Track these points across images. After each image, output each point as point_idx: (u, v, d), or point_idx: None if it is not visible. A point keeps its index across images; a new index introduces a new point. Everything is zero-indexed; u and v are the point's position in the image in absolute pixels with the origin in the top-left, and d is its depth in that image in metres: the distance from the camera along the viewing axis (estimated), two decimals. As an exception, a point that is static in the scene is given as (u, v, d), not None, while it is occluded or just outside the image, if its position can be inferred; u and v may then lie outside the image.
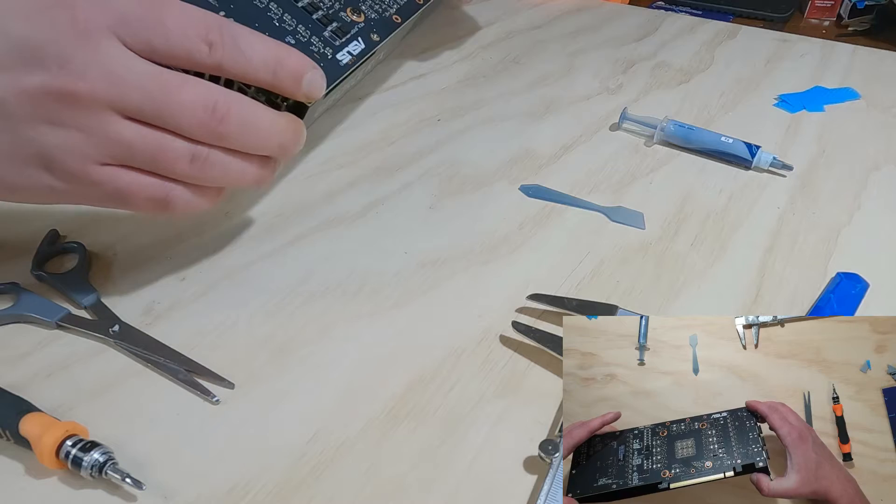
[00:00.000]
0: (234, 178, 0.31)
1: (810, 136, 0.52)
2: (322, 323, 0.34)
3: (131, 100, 0.27)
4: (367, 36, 0.41)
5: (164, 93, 0.27)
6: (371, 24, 0.42)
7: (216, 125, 0.29)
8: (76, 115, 0.27)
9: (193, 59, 0.28)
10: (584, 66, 0.62)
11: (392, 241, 0.40)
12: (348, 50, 0.39)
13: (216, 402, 0.30)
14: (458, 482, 0.27)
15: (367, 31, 0.41)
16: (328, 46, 0.38)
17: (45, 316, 0.33)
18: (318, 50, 0.37)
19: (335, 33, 0.39)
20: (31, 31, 0.26)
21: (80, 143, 0.27)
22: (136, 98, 0.27)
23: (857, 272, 0.37)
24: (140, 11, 0.27)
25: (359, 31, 0.41)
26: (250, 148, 0.31)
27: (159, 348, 0.32)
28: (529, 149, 0.49)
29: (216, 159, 0.30)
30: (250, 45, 0.29)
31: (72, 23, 0.26)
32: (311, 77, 0.31)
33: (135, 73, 0.27)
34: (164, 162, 0.29)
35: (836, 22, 1.02)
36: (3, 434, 0.27)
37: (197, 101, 0.28)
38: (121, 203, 0.30)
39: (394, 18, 0.44)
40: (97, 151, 0.28)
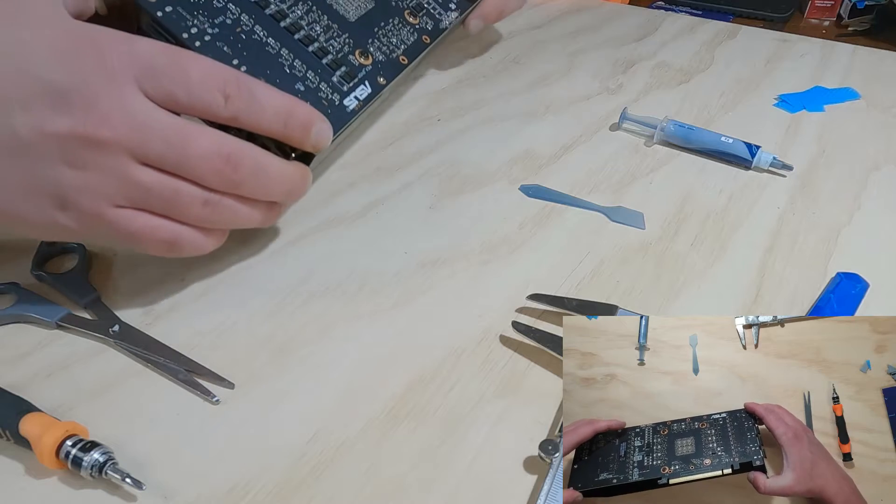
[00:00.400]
0: (242, 221, 0.33)
1: (810, 136, 0.52)
2: (322, 323, 0.34)
3: (152, 148, 0.28)
4: (374, 79, 0.42)
5: (182, 142, 0.29)
6: (378, 66, 0.43)
7: (230, 173, 0.30)
8: (97, 158, 0.28)
9: (211, 111, 0.29)
10: (584, 66, 0.62)
11: (392, 241, 0.40)
12: (355, 95, 0.39)
13: (216, 402, 0.30)
14: (458, 482, 0.27)
15: (375, 74, 0.42)
16: (336, 92, 0.39)
17: (45, 316, 0.33)
18: (326, 96, 0.38)
19: (343, 78, 0.40)
20: (59, 74, 0.27)
21: (98, 184, 0.28)
22: (157, 146, 0.28)
23: (857, 272, 0.37)
24: (165, 63, 0.28)
25: (366, 75, 0.41)
26: (260, 194, 0.32)
27: (159, 348, 0.32)
28: (529, 149, 0.49)
29: (227, 204, 0.31)
30: (264, 98, 0.31)
31: (100, 68, 0.27)
32: (318, 128, 0.33)
33: (157, 122, 0.28)
34: (179, 206, 0.30)
35: (836, 22, 1.02)
36: (3, 434, 0.27)
37: (212, 150, 0.29)
38: (131, 243, 0.31)
39: (400, 59, 0.45)
40: (114, 194, 0.29)
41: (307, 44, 0.39)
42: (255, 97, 0.30)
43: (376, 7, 0.46)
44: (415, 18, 0.48)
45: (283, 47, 0.38)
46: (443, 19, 0.50)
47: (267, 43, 0.37)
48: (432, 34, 0.49)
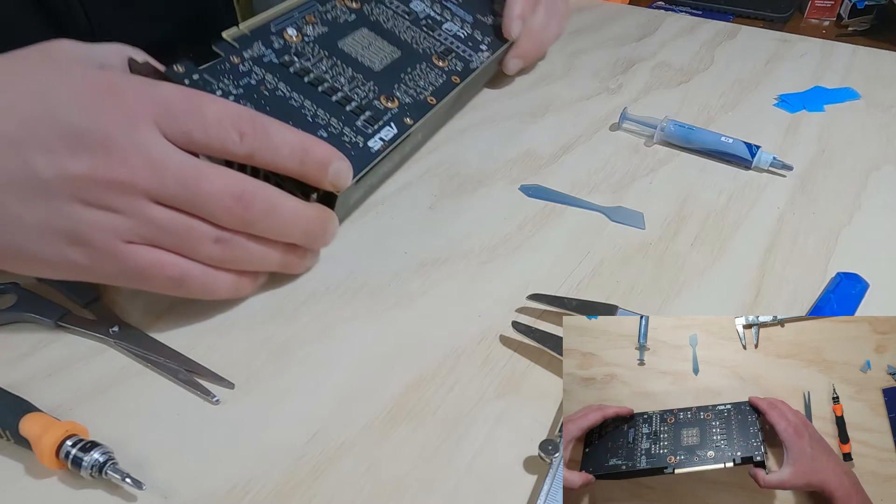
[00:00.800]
0: (257, 261, 0.33)
1: (810, 136, 0.52)
2: (322, 323, 0.34)
3: (166, 186, 0.29)
4: (401, 120, 0.41)
5: (195, 180, 0.29)
6: (405, 108, 0.42)
7: (241, 211, 0.30)
8: (113, 197, 0.28)
9: (227, 149, 0.30)
10: (584, 66, 0.62)
11: (392, 241, 0.40)
12: (380, 136, 0.39)
13: (216, 402, 0.30)
14: (458, 482, 0.27)
15: (401, 115, 0.41)
16: (360, 135, 0.38)
17: (45, 316, 0.33)
18: (350, 140, 0.38)
19: (368, 122, 0.39)
20: (80, 117, 0.27)
21: (112, 221, 0.29)
22: (171, 185, 0.29)
23: (857, 272, 0.37)
24: (182, 103, 0.29)
25: (392, 117, 0.41)
26: (274, 234, 0.32)
27: (159, 348, 0.32)
28: (529, 149, 0.49)
29: (239, 243, 0.31)
30: (279, 136, 0.31)
31: (120, 111, 0.28)
32: (337, 166, 0.33)
33: (172, 161, 0.29)
34: (190, 243, 0.30)
35: (836, 22, 1.02)
36: (3, 434, 0.27)
37: (225, 188, 0.29)
38: (140, 280, 0.30)
39: (428, 100, 0.44)
40: (126, 230, 0.29)
41: (331, 94, 0.40)
42: (269, 135, 0.30)
43: (402, 56, 0.46)
44: (443, 62, 0.47)
45: (307, 99, 0.38)
46: (473, 60, 0.49)
47: (290, 97, 0.38)
48: (462, 74, 0.47)
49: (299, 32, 0.42)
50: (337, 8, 0.46)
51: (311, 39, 0.42)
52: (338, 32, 0.44)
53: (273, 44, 0.40)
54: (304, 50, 0.41)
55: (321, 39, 0.43)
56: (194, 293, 0.31)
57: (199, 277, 0.31)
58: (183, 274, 0.30)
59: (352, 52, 0.43)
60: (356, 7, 0.47)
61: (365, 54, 0.44)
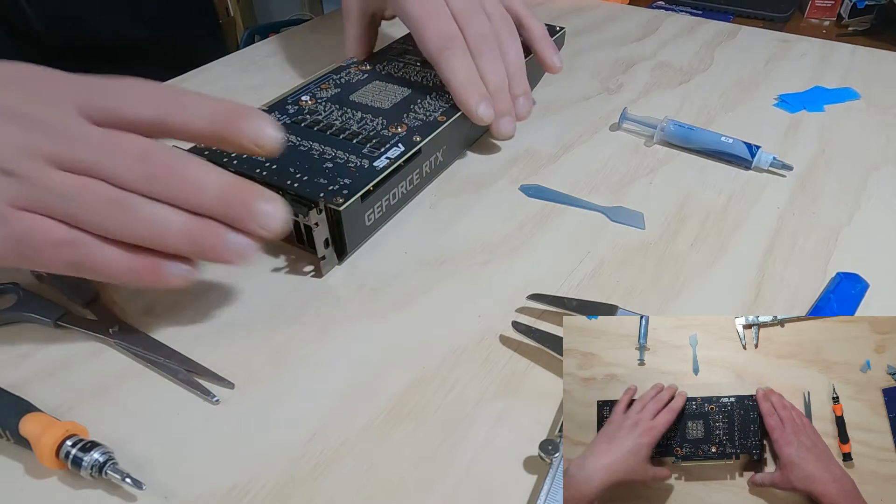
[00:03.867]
0: (153, 230, 0.28)
1: (810, 136, 0.52)
2: (322, 323, 0.34)
3: (72, 151, 0.28)
4: (409, 140, 0.41)
5: (101, 144, 0.28)
6: (414, 130, 0.42)
7: (143, 167, 0.28)
8: (17, 161, 0.27)
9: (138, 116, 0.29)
10: (584, 66, 0.62)
11: (392, 241, 0.40)
12: (387, 156, 0.39)
13: (216, 402, 0.30)
14: (458, 482, 0.27)
15: (410, 136, 0.41)
16: (365, 159, 0.39)
17: (45, 316, 0.33)
18: (356, 164, 0.38)
19: (374, 147, 0.40)
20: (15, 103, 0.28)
21: (6, 186, 0.27)
22: (78, 149, 0.28)
23: (857, 272, 0.37)
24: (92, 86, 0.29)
25: (399, 139, 0.41)
26: (179, 195, 0.28)
27: (159, 348, 0.32)
28: (529, 149, 0.49)
29: (134, 203, 0.28)
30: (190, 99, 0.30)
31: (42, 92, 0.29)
32: (256, 123, 0.30)
33: (84, 130, 0.28)
34: (83, 203, 0.27)
35: (836, 22, 1.02)
36: (3, 434, 0.27)
37: (133, 149, 0.28)
38: (25, 248, 0.28)
39: (438, 119, 0.43)
40: (19, 194, 0.27)
41: (338, 134, 0.41)
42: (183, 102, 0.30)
43: (412, 92, 0.46)
44: None
45: (315, 142, 0.40)
46: None
47: (300, 145, 0.40)
48: None
49: (313, 97, 0.45)
50: (351, 73, 0.49)
51: (325, 100, 0.44)
52: (350, 89, 0.47)
53: (288, 110, 0.43)
54: (317, 108, 0.44)
55: (334, 98, 0.45)
56: (86, 269, 0.29)
57: (88, 246, 0.28)
58: (71, 239, 0.28)
59: (363, 101, 0.45)
60: (368, 68, 0.50)
61: (375, 99, 0.45)
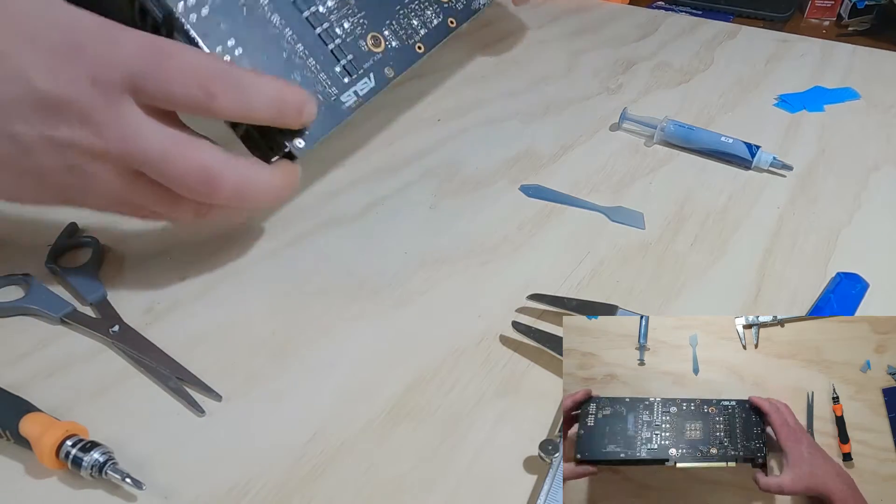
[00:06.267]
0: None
1: (810, 136, 0.52)
2: (322, 323, 0.34)
3: (135, 160, 0.29)
4: (381, 71, 0.38)
5: (163, 162, 0.29)
6: (390, 54, 0.39)
7: (211, 193, 0.31)
8: (95, 166, 0.29)
9: (199, 110, 0.30)
10: (584, 66, 0.62)
11: (392, 241, 0.40)
12: (355, 90, 0.37)
13: (202, 415, 0.29)
14: (458, 482, 0.27)
15: (383, 64, 0.38)
16: (335, 85, 0.36)
17: (51, 311, 0.33)
18: (323, 90, 0.36)
19: (347, 68, 0.37)
20: (53, 86, 0.28)
21: (98, 187, 0.30)
22: (141, 159, 0.29)
23: (857, 272, 0.37)
24: (143, 67, 0.28)
25: (373, 66, 0.38)
26: (246, 207, 0.34)
27: (154, 352, 0.31)
28: (529, 149, 0.49)
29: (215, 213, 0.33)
30: (253, 89, 0.30)
31: (89, 81, 0.28)
32: (309, 109, 0.33)
33: (143, 134, 0.29)
34: (173, 215, 0.33)
35: (836, 22, 1.02)
36: (3, 434, 0.27)
37: (191, 170, 0.30)
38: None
39: (416, 48, 0.40)
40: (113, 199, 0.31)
41: (315, 25, 0.36)
42: (242, 89, 0.30)
43: None
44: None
45: (288, 27, 0.35)
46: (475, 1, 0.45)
47: (270, 21, 0.35)
48: (460, 17, 0.43)
49: None
50: None
51: None
52: None
53: None
54: None
55: None
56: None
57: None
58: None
59: None
60: None
61: None
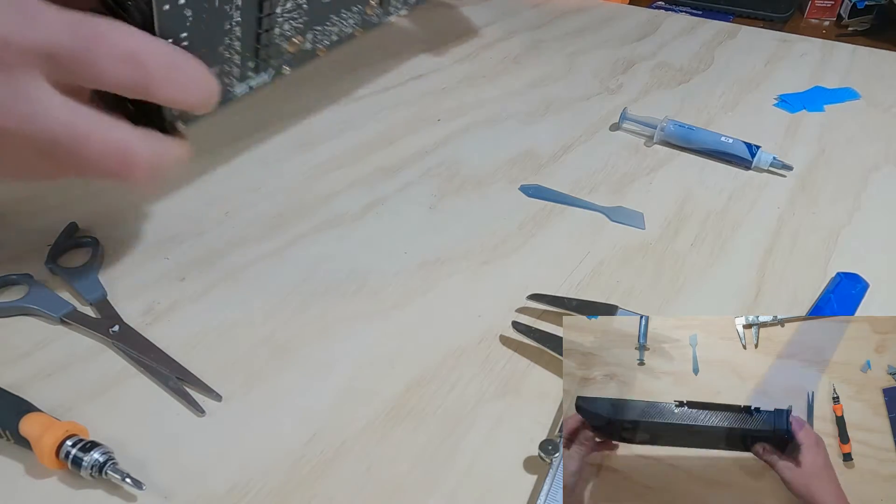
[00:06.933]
0: None
1: (810, 136, 0.52)
2: (322, 323, 0.34)
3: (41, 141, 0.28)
4: (280, 68, 0.38)
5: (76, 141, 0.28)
6: (299, 55, 0.39)
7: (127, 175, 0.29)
8: None
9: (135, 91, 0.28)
10: (584, 66, 0.62)
11: (392, 241, 0.40)
12: (250, 84, 0.37)
13: (202, 415, 0.29)
14: (458, 482, 0.27)
15: (288, 62, 0.39)
16: (237, 74, 0.36)
17: (50, 311, 0.33)
18: (228, 72, 0.35)
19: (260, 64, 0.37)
20: None
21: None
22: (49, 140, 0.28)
23: (857, 272, 0.37)
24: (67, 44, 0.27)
25: (282, 63, 0.38)
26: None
27: (153, 352, 0.31)
28: (529, 149, 0.49)
29: None
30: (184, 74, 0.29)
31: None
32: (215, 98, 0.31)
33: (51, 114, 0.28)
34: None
35: (836, 22, 1.02)
36: (3, 434, 0.27)
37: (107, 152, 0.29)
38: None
39: (318, 52, 0.41)
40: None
41: (263, 18, 0.36)
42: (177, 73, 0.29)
43: None
44: (371, 9, 0.44)
45: (241, 10, 0.34)
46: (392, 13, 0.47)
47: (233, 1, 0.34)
48: (370, 26, 0.45)
49: None
50: None
51: None
52: None
53: None
54: None
55: None
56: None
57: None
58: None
59: None
60: None
61: None
